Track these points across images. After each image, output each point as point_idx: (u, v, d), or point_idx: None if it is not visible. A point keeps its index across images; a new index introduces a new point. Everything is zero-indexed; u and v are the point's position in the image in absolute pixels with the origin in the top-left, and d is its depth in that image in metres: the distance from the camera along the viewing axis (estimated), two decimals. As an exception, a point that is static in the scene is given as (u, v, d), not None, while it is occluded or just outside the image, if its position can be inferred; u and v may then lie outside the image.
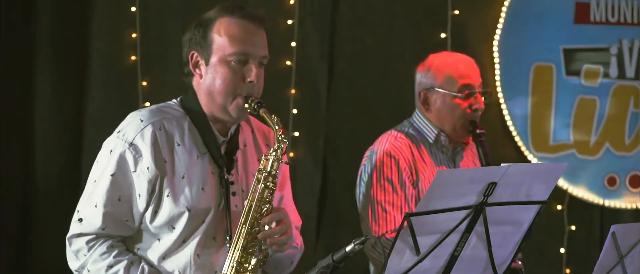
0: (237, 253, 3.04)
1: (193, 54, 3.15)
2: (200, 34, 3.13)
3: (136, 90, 5.23)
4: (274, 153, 3.08)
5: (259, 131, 3.31)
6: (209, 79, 3.12)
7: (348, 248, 2.86)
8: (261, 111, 3.07)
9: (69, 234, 3.13)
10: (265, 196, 3.06)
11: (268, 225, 3.04)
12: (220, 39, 3.10)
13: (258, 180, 3.07)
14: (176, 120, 3.13)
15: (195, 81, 3.17)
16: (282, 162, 3.10)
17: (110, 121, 4.89)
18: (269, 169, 3.07)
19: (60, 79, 5.21)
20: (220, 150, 3.16)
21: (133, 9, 5.23)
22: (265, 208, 3.05)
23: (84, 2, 5.24)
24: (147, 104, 5.19)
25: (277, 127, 3.06)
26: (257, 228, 3.05)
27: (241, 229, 3.05)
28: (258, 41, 3.13)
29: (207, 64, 3.12)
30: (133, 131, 3.09)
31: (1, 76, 5.14)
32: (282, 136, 3.07)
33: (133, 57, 5.25)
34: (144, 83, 5.24)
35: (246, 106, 3.09)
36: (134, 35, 5.24)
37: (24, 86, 5.21)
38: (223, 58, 3.10)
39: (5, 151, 5.17)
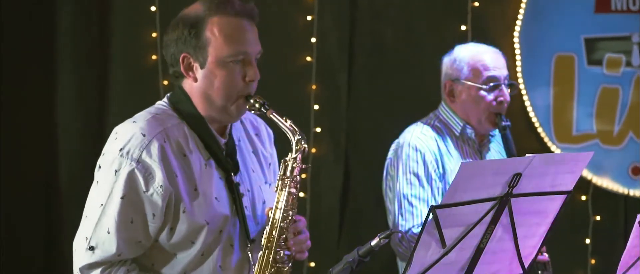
0: (267, 269, 2.96)
1: (184, 57, 2.97)
2: (192, 35, 2.96)
3: (157, 89, 5.24)
4: (293, 159, 2.97)
5: (246, 120, 3.17)
6: (206, 83, 2.96)
7: (373, 242, 2.85)
8: (269, 113, 2.95)
9: (80, 265, 2.95)
10: (290, 204, 2.97)
11: (295, 234, 2.98)
12: (215, 40, 2.94)
13: (281, 187, 2.97)
14: (176, 127, 2.98)
15: (187, 84, 3.00)
16: (302, 165, 2.98)
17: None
18: (289, 175, 2.97)
19: (81, 80, 5.23)
20: (224, 153, 3.02)
21: (153, 8, 5.24)
22: (291, 216, 2.97)
23: (103, 2, 5.26)
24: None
25: (291, 130, 2.96)
26: (284, 235, 2.97)
27: (270, 239, 2.96)
28: (253, 38, 2.98)
29: (202, 67, 2.96)
30: (137, 148, 2.92)
31: (22, 80, 5.16)
32: (299, 138, 2.97)
33: (154, 57, 5.26)
34: (165, 82, 5.25)
35: (247, 106, 2.97)
36: (154, 34, 5.25)
37: (45, 89, 5.23)
38: (221, 60, 2.94)
39: (28, 154, 5.19)
